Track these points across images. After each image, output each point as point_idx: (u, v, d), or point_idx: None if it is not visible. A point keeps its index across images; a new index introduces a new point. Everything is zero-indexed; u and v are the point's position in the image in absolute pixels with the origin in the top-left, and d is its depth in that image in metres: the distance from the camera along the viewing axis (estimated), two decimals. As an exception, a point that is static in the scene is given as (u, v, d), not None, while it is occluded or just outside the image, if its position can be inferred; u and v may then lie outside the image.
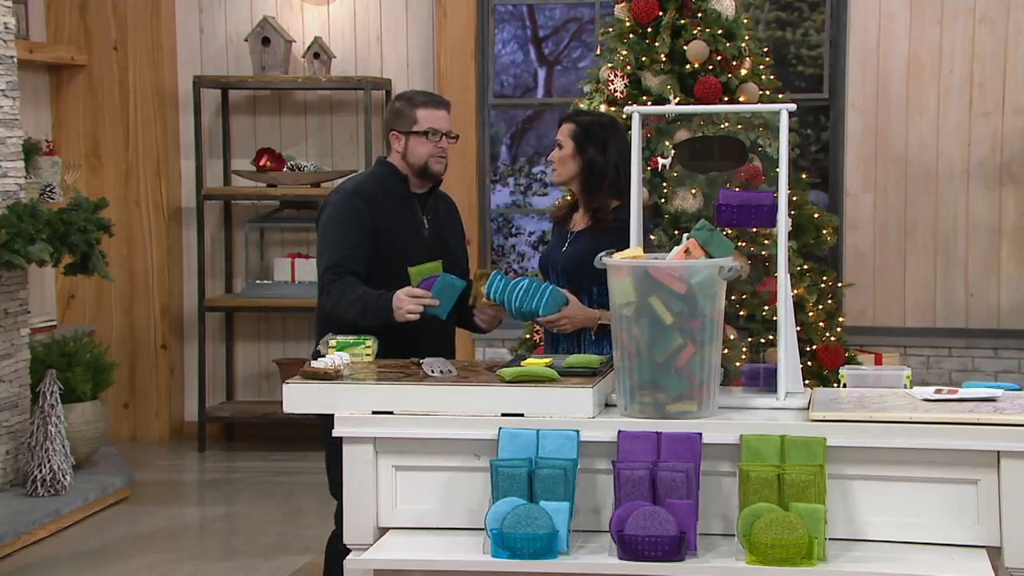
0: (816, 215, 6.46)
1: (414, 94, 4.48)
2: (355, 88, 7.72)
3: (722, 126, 6.08)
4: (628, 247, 3.71)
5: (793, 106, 3.65)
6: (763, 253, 6.03)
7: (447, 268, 4.28)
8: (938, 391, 3.49)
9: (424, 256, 4.29)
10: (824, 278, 6.52)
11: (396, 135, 4.38)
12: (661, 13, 6.31)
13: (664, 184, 6.10)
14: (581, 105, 6.40)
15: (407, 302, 4.08)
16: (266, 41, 7.72)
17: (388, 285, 4.21)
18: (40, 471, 6.22)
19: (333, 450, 4.21)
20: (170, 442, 8.01)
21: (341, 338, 3.85)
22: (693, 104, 6.12)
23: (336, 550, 4.38)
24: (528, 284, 4.16)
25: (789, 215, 3.91)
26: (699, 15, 6.31)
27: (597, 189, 4.32)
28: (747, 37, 6.41)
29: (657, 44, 6.25)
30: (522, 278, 4.22)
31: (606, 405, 3.52)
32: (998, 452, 3.23)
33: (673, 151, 6.01)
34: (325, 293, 4.27)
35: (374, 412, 3.46)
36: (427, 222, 4.41)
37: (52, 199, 6.95)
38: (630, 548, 3.18)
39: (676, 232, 5.88)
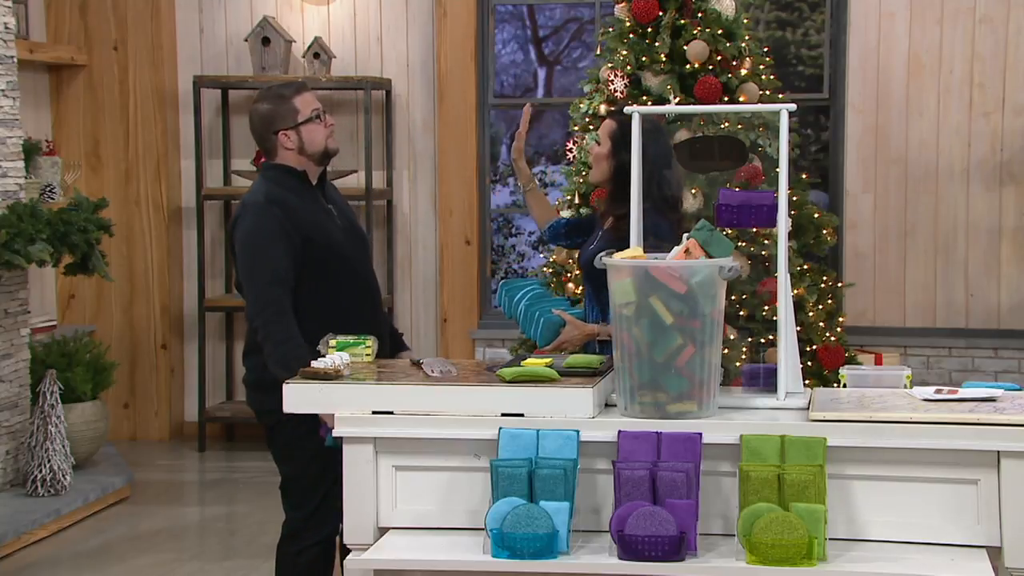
0: (816, 215, 6.46)
1: (278, 89, 4.29)
2: (355, 88, 7.72)
3: (722, 126, 6.08)
4: None
5: (793, 106, 3.65)
6: (763, 253, 6.03)
7: (366, 251, 4.38)
8: (938, 391, 3.49)
9: (346, 246, 4.25)
10: (824, 278, 6.52)
11: (285, 133, 4.21)
12: (661, 13, 6.31)
13: (664, 184, 6.09)
14: (581, 105, 6.40)
15: None
16: (266, 41, 7.72)
17: (324, 286, 4.17)
18: (40, 471, 6.22)
19: (291, 443, 4.20)
20: (170, 442, 8.01)
21: (341, 338, 3.85)
22: (693, 104, 6.12)
23: (287, 552, 4.35)
24: (525, 309, 4.18)
25: (789, 215, 3.91)
26: (699, 15, 6.31)
27: (624, 197, 4.25)
28: (747, 37, 6.41)
29: (657, 44, 6.25)
30: (526, 287, 4.23)
31: (606, 405, 3.52)
32: (998, 452, 3.22)
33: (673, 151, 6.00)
34: (271, 314, 4.06)
35: (374, 412, 3.46)
36: (334, 210, 4.32)
37: (52, 199, 6.95)
38: (630, 548, 3.18)
39: (676, 232, 5.88)
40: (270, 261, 4.09)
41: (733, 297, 5.91)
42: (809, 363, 6.14)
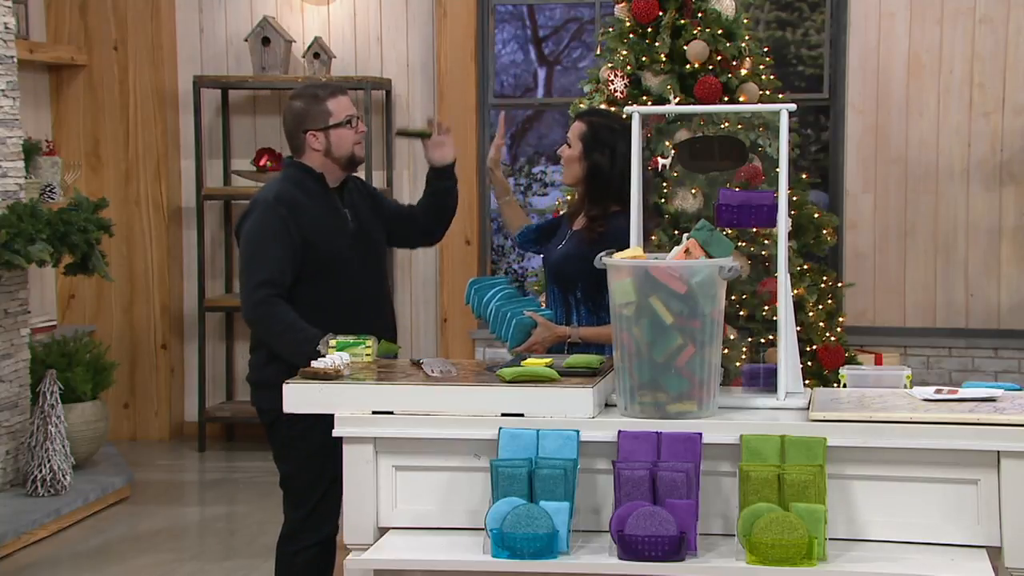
0: (816, 215, 6.46)
1: (315, 89, 4.32)
2: (355, 88, 7.72)
3: (722, 126, 6.08)
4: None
5: (793, 106, 3.65)
6: (763, 253, 6.03)
7: (376, 257, 4.36)
8: (938, 391, 3.49)
9: (351, 251, 4.25)
10: (824, 278, 6.52)
11: (313, 134, 4.25)
12: (661, 13, 6.31)
13: (664, 184, 6.10)
14: (582, 105, 6.40)
15: None
16: (266, 41, 7.72)
17: (322, 289, 4.18)
18: (40, 471, 6.22)
19: (288, 442, 4.21)
20: (170, 442, 8.01)
21: (341, 338, 3.85)
22: (693, 104, 6.12)
23: (285, 552, 4.35)
24: (496, 309, 4.19)
25: (789, 215, 3.91)
26: (699, 15, 6.31)
27: (598, 197, 4.26)
28: (747, 37, 6.41)
29: (657, 44, 6.25)
30: (495, 286, 4.25)
31: (606, 405, 3.52)
32: (998, 452, 3.22)
33: (673, 151, 6.01)
34: (262, 313, 4.11)
35: (374, 412, 3.46)
36: (349, 215, 4.32)
37: (52, 199, 6.95)
38: (630, 548, 3.18)
39: (676, 232, 5.88)
40: (266, 261, 4.11)
41: (733, 297, 5.91)
42: (809, 363, 6.14)
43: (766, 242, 5.97)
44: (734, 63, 6.30)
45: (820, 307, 6.38)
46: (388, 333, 4.34)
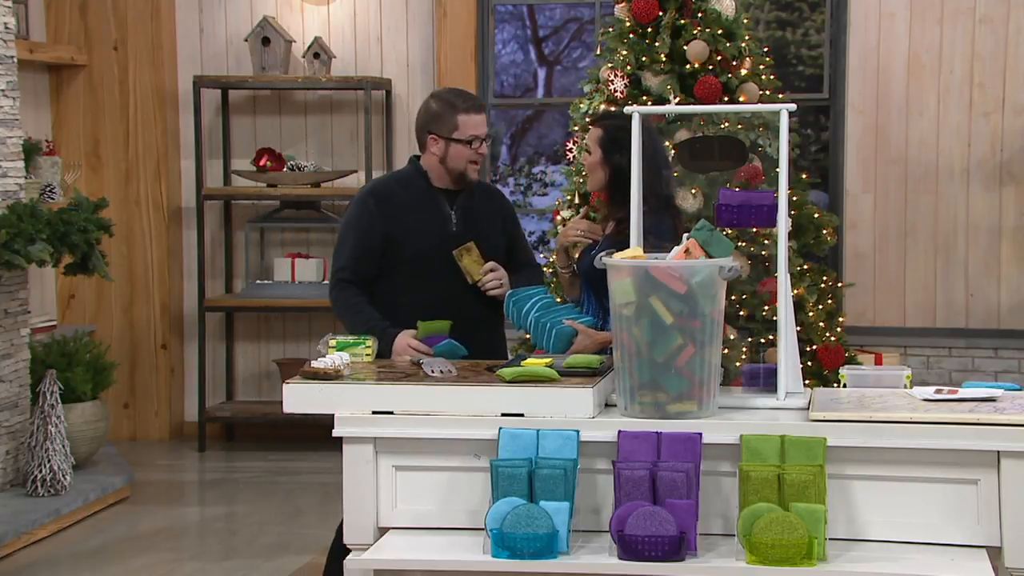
0: (816, 215, 6.46)
1: (454, 98, 4.41)
2: (355, 88, 7.72)
3: (722, 126, 6.07)
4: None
5: (793, 106, 3.65)
6: (763, 253, 6.03)
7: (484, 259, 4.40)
8: (938, 391, 3.49)
9: (439, 252, 4.33)
10: (824, 278, 6.52)
11: (435, 138, 4.37)
12: (661, 13, 6.31)
13: (664, 184, 6.09)
14: (581, 105, 6.40)
15: (407, 351, 4.15)
16: (266, 41, 7.72)
17: (401, 284, 4.32)
18: (40, 471, 6.22)
19: None
20: (170, 442, 8.01)
21: (341, 338, 3.86)
22: (693, 104, 6.12)
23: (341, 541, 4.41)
24: (536, 320, 4.19)
25: (789, 215, 3.90)
26: (699, 15, 6.31)
27: (623, 200, 4.23)
28: (747, 37, 6.41)
29: (657, 44, 6.25)
30: (533, 296, 4.24)
31: (606, 405, 3.52)
32: (998, 452, 3.23)
33: (673, 151, 6.01)
34: (333, 297, 4.44)
35: (374, 412, 3.46)
36: (455, 217, 4.40)
37: (52, 199, 6.95)
38: (630, 548, 3.18)
39: (676, 232, 5.87)
40: (345, 249, 4.40)
41: (733, 297, 5.91)
42: (809, 363, 6.14)
43: (766, 242, 5.97)
44: (734, 63, 6.30)
45: (820, 307, 6.38)
46: (474, 333, 4.33)
